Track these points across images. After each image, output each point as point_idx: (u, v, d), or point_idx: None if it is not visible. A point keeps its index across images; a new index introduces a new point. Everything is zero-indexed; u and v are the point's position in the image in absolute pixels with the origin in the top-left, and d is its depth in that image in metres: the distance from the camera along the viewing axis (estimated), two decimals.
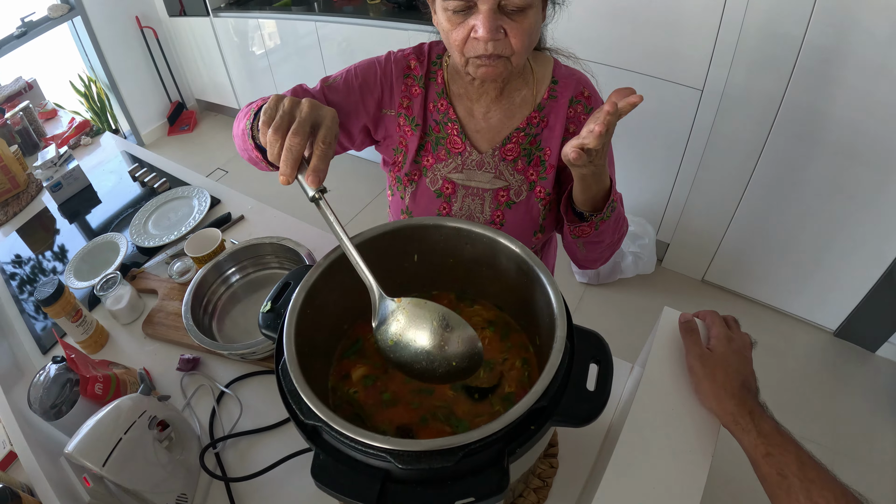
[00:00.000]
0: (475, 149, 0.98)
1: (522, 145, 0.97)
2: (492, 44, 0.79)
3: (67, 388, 0.94)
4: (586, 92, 0.96)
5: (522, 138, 0.96)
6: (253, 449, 0.93)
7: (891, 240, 1.80)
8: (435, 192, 1.02)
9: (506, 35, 0.79)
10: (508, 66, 0.84)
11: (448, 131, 0.99)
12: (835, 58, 1.61)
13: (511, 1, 0.76)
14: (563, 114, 0.94)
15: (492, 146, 0.98)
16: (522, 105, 0.96)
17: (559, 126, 0.95)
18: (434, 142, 1.00)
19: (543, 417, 0.53)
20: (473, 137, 0.99)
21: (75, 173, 1.70)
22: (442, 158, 1.00)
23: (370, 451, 0.49)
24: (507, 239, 0.70)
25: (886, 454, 1.76)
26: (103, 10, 3.48)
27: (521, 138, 0.96)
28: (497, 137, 0.98)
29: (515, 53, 0.82)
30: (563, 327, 0.59)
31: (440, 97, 0.99)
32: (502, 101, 0.96)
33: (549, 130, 0.96)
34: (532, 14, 0.79)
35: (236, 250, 1.18)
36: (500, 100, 0.96)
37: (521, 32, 0.79)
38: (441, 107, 0.99)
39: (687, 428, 0.69)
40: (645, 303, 2.32)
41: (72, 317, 1.10)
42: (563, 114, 0.94)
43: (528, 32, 0.80)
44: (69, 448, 0.77)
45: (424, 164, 1.02)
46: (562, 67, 0.97)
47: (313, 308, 0.65)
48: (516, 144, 0.97)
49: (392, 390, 0.70)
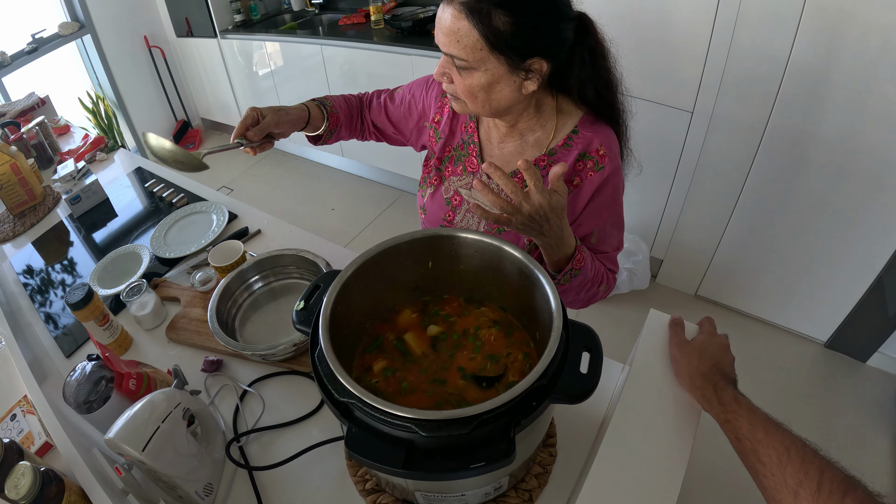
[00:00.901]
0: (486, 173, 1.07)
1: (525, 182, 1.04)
2: (445, 84, 0.93)
3: (101, 385, 1.01)
4: (601, 150, 0.97)
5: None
6: (275, 443, 1.00)
7: (878, 252, 1.86)
8: (446, 200, 1.14)
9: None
10: (466, 108, 0.94)
11: (469, 151, 1.09)
12: (820, 77, 1.68)
13: (455, 58, 0.86)
14: (571, 164, 0.98)
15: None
16: (535, 146, 1.02)
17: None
18: (457, 157, 1.12)
19: (544, 394, 0.62)
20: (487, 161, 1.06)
21: (94, 187, 1.78)
22: (458, 173, 1.11)
23: (397, 422, 0.57)
24: (511, 247, 0.80)
25: (878, 463, 1.81)
26: (113, 29, 3.60)
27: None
28: (506, 168, 1.04)
29: (466, 102, 0.92)
30: (559, 319, 0.68)
31: (471, 119, 1.09)
32: (514, 137, 1.04)
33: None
34: (477, 76, 0.87)
35: (260, 260, 1.27)
36: (513, 134, 1.03)
37: (464, 88, 0.90)
38: (469, 129, 1.10)
39: (670, 412, 0.76)
40: (639, 317, 2.32)
41: (100, 320, 1.17)
42: (570, 162, 0.98)
43: (470, 89, 0.89)
44: (110, 434, 0.83)
45: (446, 173, 1.14)
46: (593, 126, 0.99)
47: (343, 306, 0.73)
48: (520, 179, 1.02)
49: (410, 380, 0.78)
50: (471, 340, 0.84)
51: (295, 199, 3.37)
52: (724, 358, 0.79)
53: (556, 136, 1.00)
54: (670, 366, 0.82)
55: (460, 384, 0.77)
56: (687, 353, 0.79)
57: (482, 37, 0.83)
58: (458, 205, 1.12)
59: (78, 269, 1.54)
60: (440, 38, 0.87)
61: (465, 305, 0.90)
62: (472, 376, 0.78)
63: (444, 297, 0.91)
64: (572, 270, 0.92)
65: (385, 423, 0.58)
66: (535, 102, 0.99)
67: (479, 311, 0.89)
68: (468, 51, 0.84)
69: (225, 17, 3.53)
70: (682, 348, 0.81)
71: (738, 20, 1.73)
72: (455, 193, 1.12)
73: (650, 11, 1.90)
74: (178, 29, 3.81)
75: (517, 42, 0.84)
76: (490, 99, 0.90)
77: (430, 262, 0.86)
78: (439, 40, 0.87)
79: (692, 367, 0.77)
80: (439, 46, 0.88)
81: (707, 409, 0.73)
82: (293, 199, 3.38)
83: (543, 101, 1.00)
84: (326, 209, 3.18)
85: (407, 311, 0.90)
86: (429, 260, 0.86)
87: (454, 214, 1.13)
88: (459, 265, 0.86)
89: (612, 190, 1.00)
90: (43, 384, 1.14)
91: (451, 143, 1.12)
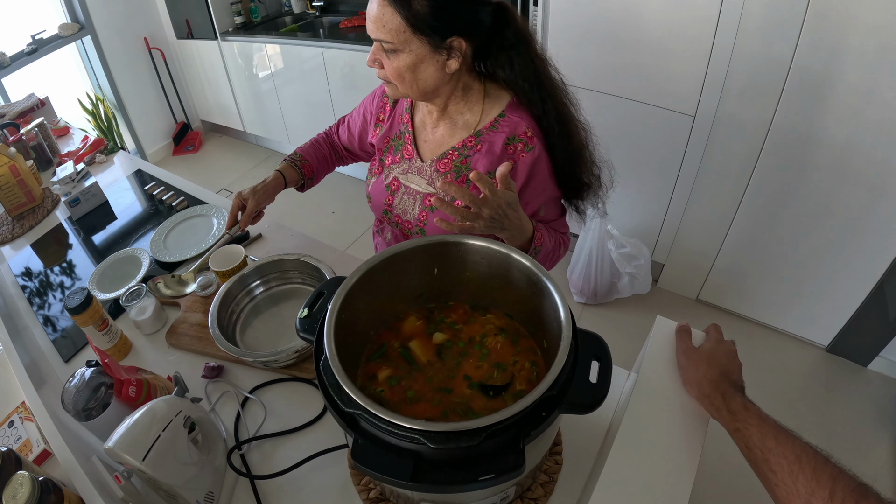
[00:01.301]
0: (419, 157, 1.16)
1: (455, 162, 1.11)
2: (377, 71, 1.02)
3: (101, 391, 0.99)
4: (529, 132, 1.05)
5: (456, 156, 1.11)
6: (277, 451, 0.99)
7: (879, 256, 1.86)
8: (385, 186, 1.21)
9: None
10: (397, 91, 1.04)
11: (405, 140, 1.19)
12: (823, 81, 1.68)
13: (383, 41, 0.96)
14: (499, 146, 1.06)
15: (432, 157, 1.15)
16: (464, 128, 1.11)
17: (491, 155, 1.07)
18: (395, 147, 1.21)
19: (553, 405, 0.61)
20: (421, 147, 1.17)
21: (93, 189, 1.77)
22: (397, 161, 1.20)
23: (404, 433, 0.56)
24: (519, 254, 0.79)
25: (880, 467, 1.81)
26: (113, 31, 3.59)
27: (454, 156, 1.11)
28: (437, 150, 1.14)
29: (396, 84, 1.02)
30: (568, 328, 0.67)
31: (406, 112, 1.20)
32: (446, 120, 1.13)
33: (479, 155, 1.08)
34: (403, 57, 0.96)
35: (261, 265, 1.25)
36: (444, 118, 1.13)
37: (392, 70, 0.99)
38: (405, 119, 1.20)
39: (679, 420, 0.75)
40: (641, 321, 2.39)
41: (98, 325, 1.16)
42: (498, 145, 1.06)
43: (398, 71, 0.99)
44: (109, 443, 0.82)
45: (386, 161, 1.23)
46: (519, 110, 1.07)
47: (347, 314, 0.72)
48: (450, 160, 1.11)
49: (415, 389, 0.77)
50: (477, 348, 0.83)
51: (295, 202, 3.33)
52: (731, 365, 0.78)
53: (484, 118, 1.09)
54: (678, 373, 0.81)
55: (467, 393, 0.76)
56: (695, 360, 0.79)
57: (404, 20, 0.92)
58: (396, 189, 1.20)
59: (77, 271, 1.52)
60: (369, 27, 0.96)
61: (471, 312, 0.89)
62: (478, 385, 0.77)
63: (449, 304, 0.90)
64: (535, 249, 1.02)
65: (392, 435, 0.57)
66: (463, 87, 1.07)
67: (485, 318, 0.88)
68: (393, 34, 0.94)
69: (225, 18, 3.52)
70: (689, 356, 0.80)
71: (740, 24, 1.73)
72: (394, 179, 1.20)
73: (653, 16, 1.89)
74: (179, 31, 3.80)
75: (436, 22, 0.93)
76: (417, 79, 1.00)
77: (435, 269, 0.85)
78: (369, 29, 0.97)
79: (700, 374, 0.76)
80: (370, 35, 0.98)
81: (716, 417, 0.72)
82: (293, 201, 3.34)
83: (471, 86, 1.09)
84: (327, 212, 3.17)
85: (412, 317, 0.89)
86: (434, 267, 0.84)
87: (392, 199, 1.21)
88: (466, 272, 0.85)
89: (546, 166, 1.07)
90: (41, 389, 1.12)
91: (390, 135, 1.22)
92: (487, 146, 1.07)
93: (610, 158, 1.17)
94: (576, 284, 2.50)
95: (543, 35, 2.18)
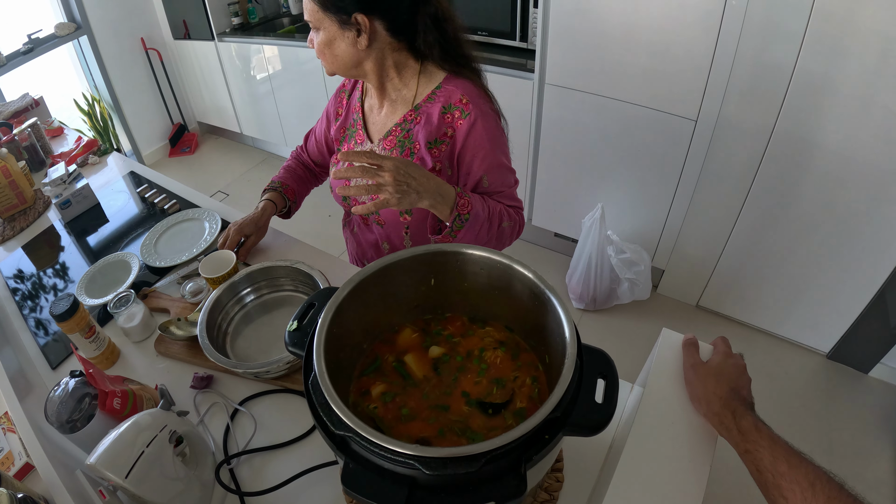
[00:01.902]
0: (369, 139, 1.21)
1: (398, 137, 1.15)
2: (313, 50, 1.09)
3: (85, 403, 0.96)
4: (464, 99, 1.08)
5: (399, 132, 1.15)
6: (267, 466, 0.95)
7: (881, 263, 1.85)
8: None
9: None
10: (327, 68, 1.11)
11: (357, 126, 1.24)
12: (825, 86, 1.67)
13: (309, 22, 1.05)
14: (436, 115, 1.10)
15: (378, 137, 1.19)
16: (402, 104, 1.16)
17: (429, 125, 1.11)
18: (350, 135, 1.26)
19: (557, 427, 0.57)
20: (371, 130, 1.22)
21: (84, 191, 1.73)
22: (352, 147, 1.24)
23: (398, 458, 0.52)
24: (521, 266, 0.75)
25: (881, 474, 1.79)
26: (109, 31, 3.56)
27: (397, 132, 1.15)
28: (383, 130, 1.19)
29: (322, 61, 1.10)
30: (573, 345, 0.63)
31: (358, 101, 1.25)
32: (386, 102, 1.18)
33: (419, 127, 1.12)
34: (321, 35, 1.05)
35: (252, 272, 1.22)
36: (385, 98, 1.17)
37: (316, 47, 1.08)
38: (356, 108, 1.25)
39: (686, 438, 0.72)
40: (641, 328, 2.36)
41: (85, 332, 1.13)
42: (435, 115, 1.10)
43: (319, 47, 1.07)
44: (91, 460, 0.79)
45: (343, 149, 1.27)
46: (455, 80, 1.11)
47: (339, 327, 0.69)
48: (394, 137, 1.16)
49: (410, 406, 0.73)
50: (475, 363, 0.79)
51: None
52: (741, 381, 0.75)
53: (421, 91, 1.14)
54: (685, 389, 0.78)
55: (464, 410, 0.72)
56: (703, 375, 0.76)
57: (314, 0, 1.01)
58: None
59: (69, 274, 1.49)
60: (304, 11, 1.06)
61: (469, 325, 0.85)
62: (477, 402, 0.73)
63: (446, 316, 0.87)
64: (460, 216, 1.01)
65: (385, 459, 0.54)
66: (395, 64, 1.12)
67: (484, 330, 0.84)
68: (311, 13, 1.04)
69: (222, 19, 3.50)
70: (697, 370, 0.77)
71: (742, 29, 1.71)
72: (348, 165, 1.18)
73: (655, 20, 1.87)
74: (176, 31, 3.77)
75: (339, 2, 1.00)
76: (334, 55, 1.07)
77: (432, 280, 0.81)
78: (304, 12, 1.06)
79: (708, 390, 0.73)
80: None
81: (725, 436, 0.69)
82: None
83: (405, 64, 1.13)
84: (323, 215, 3.14)
85: (407, 330, 0.85)
86: (431, 277, 0.81)
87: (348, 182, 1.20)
88: (464, 283, 0.81)
89: (484, 131, 1.09)
90: (26, 399, 1.09)
91: (346, 125, 1.28)
92: (426, 117, 1.11)
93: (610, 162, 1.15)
94: (575, 290, 2.48)
95: (544, 37, 2.15)
